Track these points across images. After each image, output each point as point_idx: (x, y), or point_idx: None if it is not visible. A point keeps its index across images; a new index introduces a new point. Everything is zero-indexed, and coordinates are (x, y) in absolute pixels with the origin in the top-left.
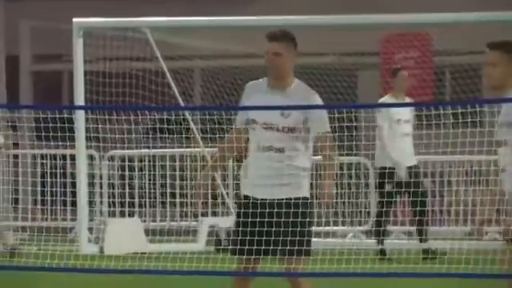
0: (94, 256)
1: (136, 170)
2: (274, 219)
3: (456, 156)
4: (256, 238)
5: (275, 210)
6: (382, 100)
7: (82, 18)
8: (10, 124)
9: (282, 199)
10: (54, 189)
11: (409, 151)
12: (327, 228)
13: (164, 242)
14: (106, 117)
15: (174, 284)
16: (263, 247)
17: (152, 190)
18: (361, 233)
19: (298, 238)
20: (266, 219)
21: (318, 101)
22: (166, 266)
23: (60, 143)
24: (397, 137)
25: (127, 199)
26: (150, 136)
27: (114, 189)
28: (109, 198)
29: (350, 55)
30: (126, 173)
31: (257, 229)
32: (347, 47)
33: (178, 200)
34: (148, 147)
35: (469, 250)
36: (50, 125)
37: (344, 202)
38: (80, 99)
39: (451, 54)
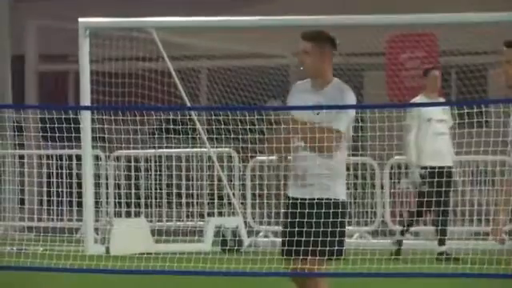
0: (100, 256)
1: (142, 170)
2: (305, 219)
3: (466, 156)
4: (290, 238)
5: (306, 211)
6: (414, 100)
7: (88, 18)
8: (16, 124)
9: (314, 199)
10: (60, 189)
11: (443, 151)
12: None
13: (170, 242)
14: (112, 117)
15: (180, 284)
16: (302, 248)
17: (158, 191)
18: (367, 233)
19: (329, 239)
20: (305, 219)
21: (348, 98)
22: (172, 267)
23: (66, 144)
24: (428, 136)
25: (133, 199)
26: (156, 136)
27: (120, 189)
28: (115, 198)
29: (356, 55)
30: (132, 173)
31: (295, 229)
32: (353, 47)
33: (184, 200)
34: (154, 147)
35: (476, 250)
36: (56, 125)
37: (350, 203)
38: (86, 99)
39: (457, 54)
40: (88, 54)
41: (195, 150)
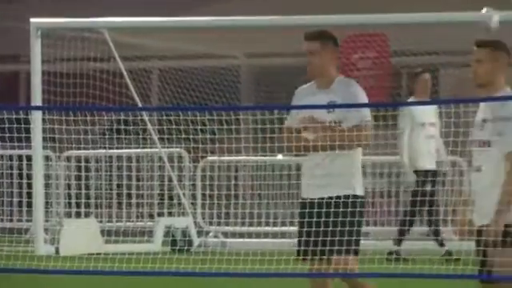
0: (49, 257)
1: (92, 170)
2: (323, 218)
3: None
4: (306, 238)
5: (323, 210)
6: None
7: (40, 18)
8: None
9: (332, 197)
10: (10, 190)
11: (432, 154)
12: (283, 228)
13: (120, 242)
14: (63, 117)
15: (129, 285)
16: (320, 247)
17: (108, 191)
18: None
19: (346, 238)
20: (322, 219)
21: (358, 93)
22: (121, 267)
23: (16, 144)
24: (420, 139)
25: (83, 200)
26: (107, 137)
27: (70, 189)
28: (65, 198)
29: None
30: (83, 173)
31: (311, 229)
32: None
33: (134, 201)
34: (105, 148)
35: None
36: (7, 125)
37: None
38: (37, 100)
39: (408, 54)
40: (39, 55)
41: (146, 150)
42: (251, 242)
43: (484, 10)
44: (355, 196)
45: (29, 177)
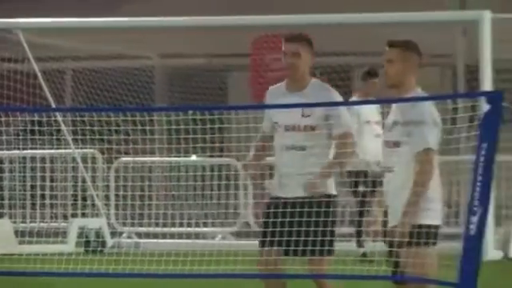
0: None
1: (6, 171)
2: (296, 218)
3: None
4: (278, 237)
5: (297, 210)
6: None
7: None
8: None
9: (306, 198)
10: None
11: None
12: (197, 229)
13: (34, 243)
14: None
15: (42, 285)
16: (284, 247)
17: (22, 192)
18: (230, 234)
19: (320, 238)
20: (295, 218)
21: (332, 97)
22: (35, 268)
23: None
24: (365, 137)
25: None
26: (21, 137)
27: None
28: None
29: (221, 56)
30: None
31: (284, 229)
32: (218, 48)
33: (48, 201)
34: (18, 149)
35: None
36: None
37: (213, 204)
38: None
39: (321, 55)
40: None
41: (59, 151)
42: (165, 243)
43: None
44: (329, 196)
45: None
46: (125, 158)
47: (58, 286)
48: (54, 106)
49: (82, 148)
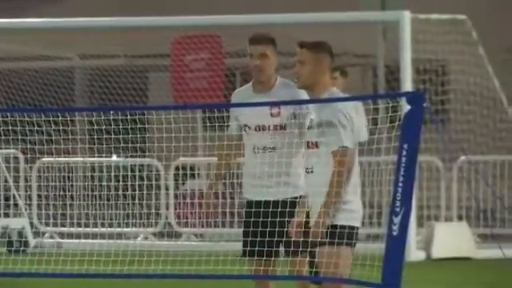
0: None
1: None
2: (269, 219)
3: None
4: (250, 238)
5: (270, 210)
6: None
7: None
8: None
9: (278, 200)
10: None
11: None
12: (118, 229)
13: None
14: None
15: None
16: (257, 248)
17: None
18: (152, 234)
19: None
20: (264, 219)
21: (296, 94)
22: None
23: None
24: None
25: None
26: None
27: None
28: None
29: (141, 57)
30: None
31: (250, 229)
32: (138, 49)
33: None
34: None
35: None
36: None
37: (135, 204)
38: None
39: (242, 55)
40: None
41: None
42: (87, 243)
43: None
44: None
45: None
46: (46, 159)
47: None
48: None
49: (3, 148)
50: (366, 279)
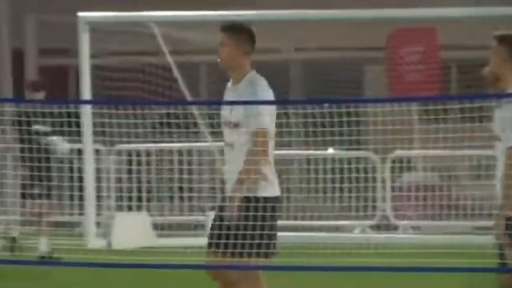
0: (101, 250)
1: (143, 164)
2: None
3: (462, 151)
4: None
5: (228, 204)
6: None
7: (88, 12)
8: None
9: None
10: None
11: None
12: (334, 222)
13: (172, 236)
14: (113, 111)
15: (182, 277)
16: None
17: (159, 185)
18: (368, 227)
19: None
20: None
21: (259, 94)
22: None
23: (67, 138)
24: None
25: (135, 193)
26: (158, 130)
27: (121, 183)
28: (116, 192)
29: (356, 50)
30: (134, 167)
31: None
32: (352, 42)
33: (186, 194)
34: (155, 141)
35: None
36: (57, 119)
37: (351, 197)
38: (86, 94)
39: (457, 48)
40: (88, 49)
41: (197, 144)
42: (304, 236)
43: None
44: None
45: (80, 171)
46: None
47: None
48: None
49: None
50: None
